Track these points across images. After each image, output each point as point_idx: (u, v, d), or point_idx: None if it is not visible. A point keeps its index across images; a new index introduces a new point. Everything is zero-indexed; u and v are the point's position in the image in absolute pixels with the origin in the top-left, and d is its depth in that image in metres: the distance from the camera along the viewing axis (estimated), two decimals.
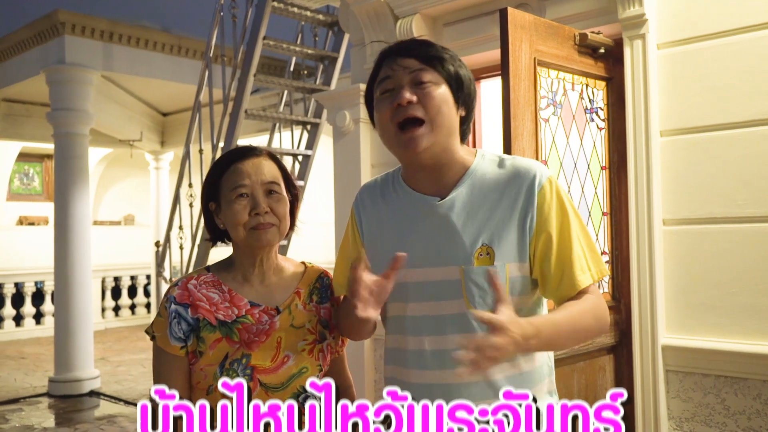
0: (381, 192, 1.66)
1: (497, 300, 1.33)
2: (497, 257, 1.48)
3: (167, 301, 1.61)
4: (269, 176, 1.63)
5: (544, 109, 2.76)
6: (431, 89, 1.49)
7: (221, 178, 1.63)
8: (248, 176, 1.61)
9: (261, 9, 5.14)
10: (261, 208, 1.59)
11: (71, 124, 6.78)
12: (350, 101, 3.85)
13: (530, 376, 1.53)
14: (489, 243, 1.48)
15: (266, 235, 1.61)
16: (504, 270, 1.48)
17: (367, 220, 1.66)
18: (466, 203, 1.52)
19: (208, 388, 1.59)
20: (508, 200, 1.50)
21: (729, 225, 2.74)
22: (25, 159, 11.37)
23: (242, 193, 1.60)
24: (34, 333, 10.16)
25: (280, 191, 1.64)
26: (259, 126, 7.41)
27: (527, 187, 1.50)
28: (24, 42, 7.24)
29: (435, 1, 3.45)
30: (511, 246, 1.49)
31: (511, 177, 1.52)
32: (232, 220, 1.60)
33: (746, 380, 2.67)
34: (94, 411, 6.29)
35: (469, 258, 1.49)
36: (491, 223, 1.49)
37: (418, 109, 1.48)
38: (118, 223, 12.19)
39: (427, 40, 1.57)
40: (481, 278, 1.47)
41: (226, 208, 1.61)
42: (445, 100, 1.50)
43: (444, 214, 1.52)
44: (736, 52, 2.72)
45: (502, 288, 1.34)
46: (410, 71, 1.50)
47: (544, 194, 1.50)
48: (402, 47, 1.55)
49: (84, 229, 6.83)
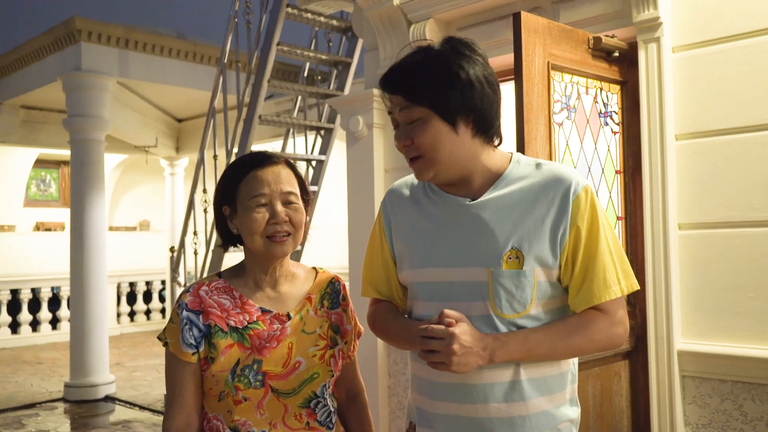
0: (411, 192, 1.66)
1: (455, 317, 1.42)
2: (526, 262, 1.47)
3: (179, 307, 1.62)
4: (288, 186, 1.62)
5: (557, 113, 2.75)
6: (419, 129, 1.48)
7: (239, 184, 1.62)
8: (268, 185, 1.60)
9: (275, 15, 5.16)
10: (280, 218, 1.59)
11: (87, 130, 6.83)
12: (363, 106, 3.85)
13: (553, 381, 1.53)
14: (519, 247, 1.47)
15: (282, 247, 1.61)
16: (533, 274, 1.47)
17: (396, 221, 1.66)
18: (498, 206, 1.51)
19: (219, 395, 1.59)
20: (543, 206, 1.49)
21: (745, 229, 2.71)
22: (42, 165, 11.49)
23: (262, 202, 1.59)
24: (50, 338, 10.24)
25: (298, 201, 1.63)
26: (273, 131, 7.44)
27: (563, 194, 1.48)
28: (41, 49, 7.32)
29: (448, 6, 3.45)
30: (541, 251, 1.48)
31: (548, 183, 1.51)
32: (249, 228, 1.60)
33: (764, 386, 2.64)
34: (109, 416, 6.32)
35: (498, 261, 1.48)
36: (523, 227, 1.48)
37: (413, 150, 1.50)
38: (133, 229, 12.27)
39: (415, 61, 1.50)
40: (510, 282, 1.47)
41: (243, 215, 1.61)
42: (435, 135, 1.48)
43: (475, 215, 1.52)
44: (752, 55, 2.70)
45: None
46: (400, 109, 1.50)
47: (579, 203, 1.48)
48: (389, 81, 1.52)
49: (100, 234, 6.88)
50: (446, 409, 1.54)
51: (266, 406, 1.58)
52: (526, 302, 1.48)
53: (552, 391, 1.52)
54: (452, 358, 1.39)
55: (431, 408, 1.57)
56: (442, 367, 1.41)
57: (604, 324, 1.50)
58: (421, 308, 1.58)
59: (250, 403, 1.57)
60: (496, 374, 1.48)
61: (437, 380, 1.54)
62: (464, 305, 1.49)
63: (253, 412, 1.57)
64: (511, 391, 1.49)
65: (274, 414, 1.58)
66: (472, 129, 1.50)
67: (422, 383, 1.60)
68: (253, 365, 1.57)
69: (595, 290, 1.48)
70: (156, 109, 8.95)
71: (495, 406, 1.49)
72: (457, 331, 1.39)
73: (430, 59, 1.50)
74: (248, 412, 1.57)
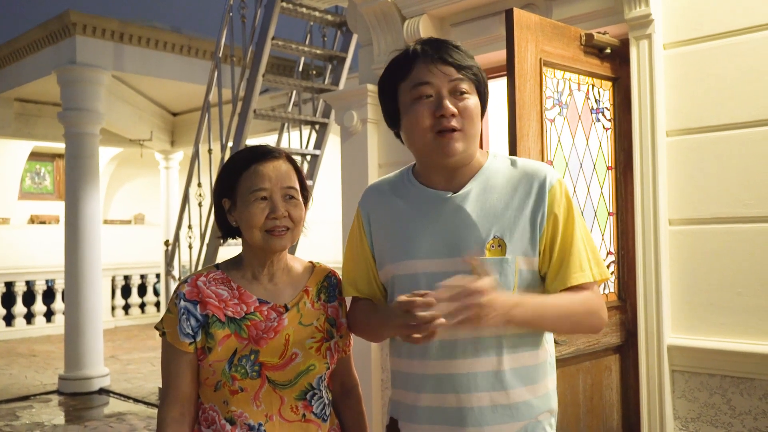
0: (392, 189, 1.69)
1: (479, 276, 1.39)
2: (509, 250, 1.52)
3: (177, 297, 1.63)
4: (288, 181, 1.64)
5: (549, 110, 2.77)
6: (468, 101, 1.54)
7: (239, 177, 1.64)
8: (269, 179, 1.62)
9: (270, 9, 5.16)
10: (279, 213, 1.61)
11: (82, 123, 6.83)
12: (358, 101, 3.87)
13: (534, 370, 1.57)
14: (501, 235, 1.53)
15: (281, 241, 1.63)
16: (515, 262, 1.52)
17: (375, 219, 1.69)
18: (479, 197, 1.57)
19: (216, 384, 1.61)
20: (520, 197, 1.56)
21: (735, 225, 2.74)
22: (37, 158, 11.47)
23: (262, 196, 1.61)
24: (44, 331, 10.24)
25: (297, 196, 1.66)
26: (268, 126, 7.45)
27: (539, 185, 1.56)
28: (36, 42, 7.31)
29: (442, 2, 3.46)
30: (522, 240, 1.54)
31: (523, 176, 1.58)
32: (249, 222, 1.62)
33: (752, 380, 2.67)
34: (104, 408, 6.34)
35: (481, 249, 1.52)
36: (503, 217, 1.54)
37: (458, 121, 1.52)
38: (128, 222, 12.27)
39: (454, 43, 1.59)
40: (493, 269, 1.50)
41: (243, 208, 1.63)
42: (477, 111, 1.56)
43: (457, 207, 1.56)
44: (743, 52, 2.72)
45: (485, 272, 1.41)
46: (450, 79, 1.53)
47: (555, 193, 1.56)
48: (440, 51, 1.55)
49: (94, 228, 6.88)
50: (429, 401, 1.57)
51: (262, 398, 1.60)
52: (509, 288, 1.52)
53: (533, 381, 1.57)
54: (483, 310, 1.36)
55: (414, 401, 1.59)
56: (476, 321, 1.37)
57: (595, 298, 1.57)
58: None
59: (247, 394, 1.59)
60: (479, 363, 1.52)
61: (419, 372, 1.58)
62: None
63: (249, 403, 1.60)
64: (494, 381, 1.53)
65: (269, 405, 1.60)
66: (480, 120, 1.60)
67: (404, 377, 1.63)
68: (250, 355, 1.59)
69: (571, 273, 1.54)
70: (151, 102, 8.94)
71: (477, 395, 1.52)
72: (483, 284, 1.37)
73: (465, 51, 1.60)
74: (244, 403, 1.60)
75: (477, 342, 1.52)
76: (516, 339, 1.54)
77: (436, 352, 1.54)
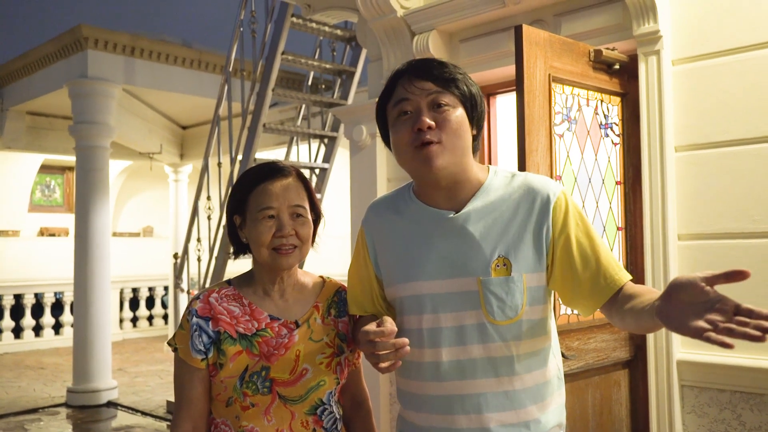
0: (393, 207, 1.68)
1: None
2: (514, 268, 1.51)
3: (189, 314, 1.65)
4: (296, 199, 1.65)
5: (558, 125, 2.78)
6: (449, 113, 1.53)
7: (249, 195, 1.66)
8: (276, 198, 1.63)
9: (280, 25, 5.22)
10: (286, 231, 1.62)
11: (93, 137, 6.89)
12: (367, 116, 3.90)
13: (543, 387, 1.57)
14: (506, 254, 1.52)
15: (288, 259, 1.64)
16: (521, 280, 1.51)
17: (379, 238, 1.68)
18: (481, 216, 1.55)
19: (228, 400, 1.62)
20: (523, 213, 1.54)
21: (744, 240, 2.74)
22: (47, 171, 11.54)
23: (270, 215, 1.63)
24: (53, 343, 10.27)
25: (306, 214, 1.67)
26: (277, 139, 7.49)
27: (541, 200, 1.54)
28: (48, 56, 7.39)
29: (451, 18, 3.49)
30: (528, 257, 1.52)
31: (525, 192, 1.56)
32: (257, 240, 1.63)
33: (763, 396, 2.66)
34: (112, 422, 6.35)
35: (486, 269, 1.51)
36: (507, 236, 1.53)
37: (435, 134, 1.51)
38: (137, 235, 12.32)
39: (440, 61, 1.60)
40: (499, 288, 1.50)
41: (252, 226, 1.64)
42: (461, 123, 1.53)
43: (460, 227, 1.55)
44: (751, 69, 2.74)
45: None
46: (428, 94, 1.53)
47: (559, 204, 1.54)
48: (418, 68, 1.57)
49: (104, 240, 6.92)
50: (438, 422, 1.56)
51: (273, 413, 1.61)
52: (517, 307, 1.51)
53: (541, 398, 1.56)
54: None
55: (423, 421, 1.59)
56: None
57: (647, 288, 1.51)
58: (413, 322, 1.59)
59: (258, 409, 1.60)
60: (489, 384, 1.52)
61: (426, 393, 1.57)
62: (457, 315, 1.52)
63: (260, 418, 1.61)
64: (504, 401, 1.52)
65: (280, 420, 1.62)
66: (473, 129, 1.58)
67: (410, 397, 1.62)
68: (261, 372, 1.60)
69: (615, 272, 1.50)
70: (161, 116, 9.01)
71: (488, 416, 1.51)
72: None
73: (453, 66, 1.60)
74: (255, 418, 1.61)
75: (487, 362, 1.52)
76: (525, 358, 1.54)
77: (447, 373, 1.53)
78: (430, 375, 1.56)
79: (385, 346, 1.39)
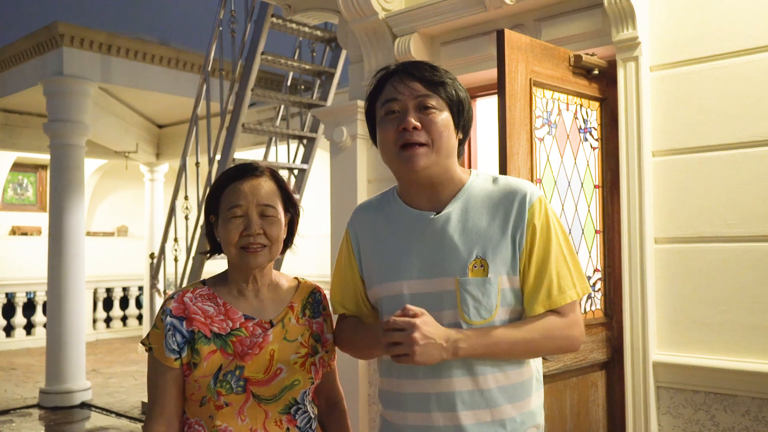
0: (377, 209, 1.72)
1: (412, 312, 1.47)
2: (491, 269, 1.54)
3: (163, 313, 1.65)
4: (265, 198, 1.66)
5: (539, 129, 2.81)
6: (435, 115, 1.56)
7: (221, 194, 1.67)
8: (244, 197, 1.64)
9: (260, 25, 5.21)
10: (253, 230, 1.63)
11: (68, 135, 6.80)
12: (348, 117, 3.90)
13: (521, 387, 1.59)
14: (483, 255, 1.55)
15: (255, 258, 1.64)
16: (497, 281, 1.54)
17: (363, 238, 1.71)
18: (460, 218, 1.59)
19: (201, 400, 1.62)
20: (501, 216, 1.57)
21: (719, 244, 2.79)
22: (20, 169, 11.36)
23: (238, 214, 1.64)
24: (24, 344, 10.12)
25: (275, 214, 1.67)
26: (255, 139, 7.46)
27: (519, 203, 1.57)
28: (23, 53, 7.28)
29: (433, 21, 3.51)
30: (504, 259, 1.55)
31: (504, 194, 1.60)
32: (225, 238, 1.65)
33: (736, 397, 2.71)
34: (85, 423, 6.28)
35: (464, 270, 1.55)
36: (485, 237, 1.56)
37: (421, 135, 1.55)
38: (111, 234, 12.17)
39: (430, 64, 1.63)
40: (476, 289, 1.53)
41: (222, 225, 1.66)
42: (446, 126, 1.57)
43: (440, 228, 1.59)
44: (727, 76, 2.79)
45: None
46: (416, 95, 1.57)
47: (534, 211, 1.57)
48: (409, 69, 1.60)
49: (78, 240, 6.84)
50: (415, 420, 1.58)
51: (247, 412, 1.61)
52: (492, 308, 1.54)
53: (518, 398, 1.58)
54: (414, 348, 1.43)
55: (401, 420, 1.61)
56: (406, 359, 1.45)
57: (561, 325, 1.57)
58: None
59: (232, 409, 1.60)
60: (465, 382, 1.54)
61: (404, 391, 1.60)
62: (434, 315, 1.53)
63: (234, 417, 1.61)
64: (480, 399, 1.54)
65: (254, 420, 1.62)
66: (459, 133, 1.62)
67: (389, 396, 1.65)
68: (235, 371, 1.60)
69: (552, 295, 1.56)
70: (137, 114, 8.92)
71: (464, 413, 1.54)
72: (418, 321, 1.44)
73: (443, 69, 1.63)
74: (229, 417, 1.61)
75: (463, 361, 1.54)
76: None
77: (424, 372, 1.55)
78: (406, 373, 1.58)
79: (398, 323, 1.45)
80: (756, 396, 2.67)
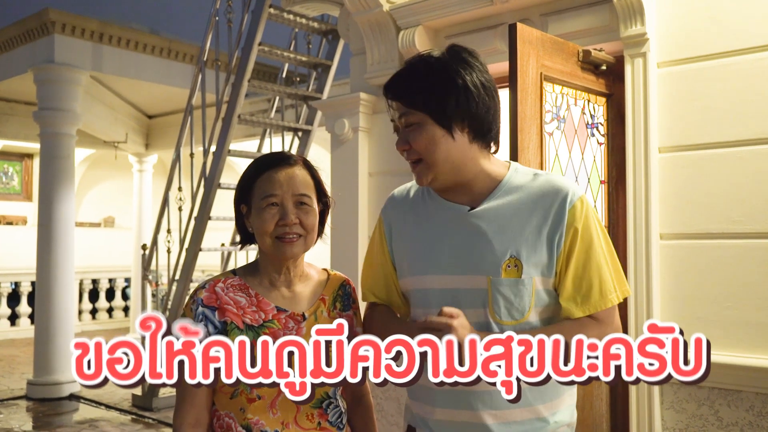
0: (413, 199, 1.69)
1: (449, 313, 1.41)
2: (525, 271, 1.50)
3: (194, 303, 1.62)
4: (301, 187, 1.63)
5: (548, 123, 2.81)
6: (415, 133, 1.53)
7: (254, 183, 1.64)
8: (280, 186, 1.61)
9: (257, 15, 5.16)
10: (289, 219, 1.60)
11: (58, 124, 6.71)
12: (349, 109, 3.88)
13: (550, 388, 1.52)
14: (517, 255, 1.50)
15: (292, 248, 1.62)
16: (531, 283, 1.50)
17: (396, 228, 1.69)
18: (497, 214, 1.54)
19: (233, 392, 1.59)
20: (540, 215, 1.52)
21: (724, 240, 2.81)
22: (5, 157, 11.21)
23: (272, 203, 1.61)
24: (8, 335, 9.99)
25: (311, 203, 1.65)
26: (248, 131, 7.41)
27: (559, 203, 1.52)
28: (12, 40, 7.17)
29: (438, 14, 3.50)
30: (539, 260, 1.51)
31: (545, 192, 1.54)
32: (260, 228, 1.62)
33: (739, 392, 2.73)
34: (74, 415, 6.21)
35: (497, 269, 1.50)
36: (521, 237, 1.51)
37: (413, 153, 1.55)
38: (97, 225, 12.06)
39: (409, 73, 1.56)
40: (509, 290, 1.50)
41: (256, 215, 1.63)
42: (431, 139, 1.52)
43: (474, 224, 1.54)
44: (735, 73, 2.80)
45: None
46: (399, 114, 1.56)
47: (575, 213, 1.51)
48: (388, 88, 1.59)
49: (68, 230, 6.75)
50: (444, 415, 1.56)
51: (279, 406, 1.59)
52: (524, 310, 1.51)
53: (550, 398, 1.55)
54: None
55: (429, 414, 1.59)
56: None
57: (599, 331, 1.51)
58: (422, 315, 1.57)
59: (264, 402, 1.58)
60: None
61: (427, 385, 1.54)
62: (464, 312, 1.50)
63: (265, 411, 1.59)
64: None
65: (286, 413, 1.60)
66: (468, 134, 1.53)
67: (418, 389, 1.61)
68: None
69: (592, 300, 1.51)
70: (127, 104, 8.83)
71: (493, 412, 1.51)
72: (455, 323, 1.39)
73: (429, 66, 1.55)
74: (261, 410, 1.59)
75: None
76: None
77: None
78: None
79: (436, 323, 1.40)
80: (760, 391, 2.69)
